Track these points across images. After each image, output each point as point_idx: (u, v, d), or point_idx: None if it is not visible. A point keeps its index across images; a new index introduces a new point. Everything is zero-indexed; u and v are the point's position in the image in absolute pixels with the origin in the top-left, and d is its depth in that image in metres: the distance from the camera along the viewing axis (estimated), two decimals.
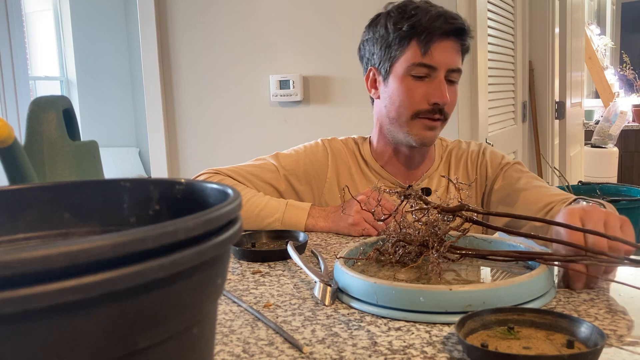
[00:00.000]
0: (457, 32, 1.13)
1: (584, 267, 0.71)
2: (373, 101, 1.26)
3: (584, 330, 0.54)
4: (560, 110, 3.03)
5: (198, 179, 1.20)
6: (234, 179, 1.20)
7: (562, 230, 0.75)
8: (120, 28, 5.48)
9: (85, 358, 0.28)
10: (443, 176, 1.22)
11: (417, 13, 1.13)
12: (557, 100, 3.03)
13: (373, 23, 1.20)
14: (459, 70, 1.16)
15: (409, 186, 1.18)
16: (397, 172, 1.23)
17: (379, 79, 1.20)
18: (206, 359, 0.38)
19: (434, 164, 1.25)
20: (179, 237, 0.30)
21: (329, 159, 1.26)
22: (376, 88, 1.22)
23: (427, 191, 1.21)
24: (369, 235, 1.04)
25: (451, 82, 1.15)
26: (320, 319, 0.64)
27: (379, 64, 1.19)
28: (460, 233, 0.77)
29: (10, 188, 0.46)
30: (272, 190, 1.21)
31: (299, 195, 1.23)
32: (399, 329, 0.61)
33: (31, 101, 0.84)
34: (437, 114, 1.14)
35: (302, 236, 0.98)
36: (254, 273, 0.83)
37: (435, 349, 0.55)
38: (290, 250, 0.86)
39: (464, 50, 1.18)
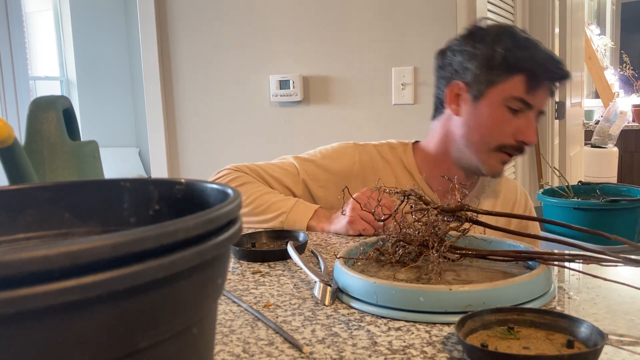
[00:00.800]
0: (560, 79, 1.14)
1: None
2: (438, 110, 1.22)
3: (584, 330, 0.54)
4: (560, 110, 3.03)
5: (219, 174, 1.21)
6: (253, 177, 1.20)
7: None
8: (120, 28, 5.48)
9: (85, 358, 0.28)
10: (443, 176, 1.21)
11: (529, 47, 1.11)
12: (557, 100, 3.02)
13: (474, 37, 1.15)
14: (544, 113, 1.16)
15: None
16: (439, 188, 1.20)
17: (466, 96, 1.14)
18: (206, 359, 0.38)
19: (476, 189, 1.24)
20: (178, 237, 0.30)
21: (355, 169, 1.21)
22: (458, 104, 1.16)
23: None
24: (368, 235, 1.04)
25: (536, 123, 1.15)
26: (320, 319, 0.64)
27: (472, 82, 1.13)
28: (460, 233, 0.77)
29: (10, 188, 0.46)
30: (289, 193, 1.21)
31: (315, 200, 1.21)
32: (399, 329, 0.61)
33: (31, 101, 0.84)
34: (517, 151, 1.13)
35: (302, 236, 0.98)
36: (254, 273, 0.83)
37: (435, 349, 0.56)
38: (290, 250, 0.86)
39: (553, 94, 1.18)
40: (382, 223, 0.82)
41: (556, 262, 0.72)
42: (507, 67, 1.10)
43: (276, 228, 1.11)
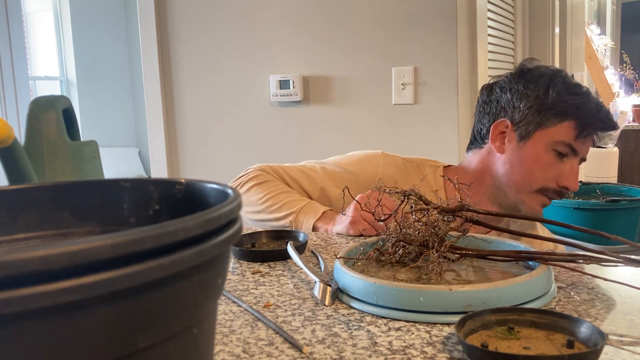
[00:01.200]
0: (612, 129, 1.15)
1: None
2: (476, 143, 1.23)
3: (584, 330, 0.54)
4: None
5: (244, 172, 1.23)
6: (274, 177, 1.22)
7: None
8: (120, 28, 5.48)
9: (85, 358, 0.28)
10: (442, 176, 1.21)
11: (582, 94, 1.13)
12: None
13: (525, 77, 1.16)
14: (584, 160, 1.17)
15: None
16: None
17: (513, 135, 1.15)
18: (206, 359, 0.38)
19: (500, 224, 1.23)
20: (178, 237, 0.30)
21: (377, 179, 1.20)
22: (503, 142, 1.16)
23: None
24: (369, 235, 1.04)
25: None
26: (320, 319, 0.64)
27: (520, 122, 1.14)
28: (460, 233, 0.77)
29: (10, 188, 0.46)
30: (305, 196, 1.22)
31: (333, 205, 1.21)
32: (399, 329, 0.61)
33: (31, 101, 0.84)
34: (558, 195, 1.14)
35: (302, 236, 0.98)
36: (254, 273, 0.83)
37: (435, 349, 0.55)
38: (290, 250, 0.86)
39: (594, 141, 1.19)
40: (382, 223, 0.82)
41: (556, 262, 0.72)
42: (559, 111, 1.11)
43: (285, 227, 1.12)
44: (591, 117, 1.11)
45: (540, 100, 1.12)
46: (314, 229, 1.11)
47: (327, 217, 1.11)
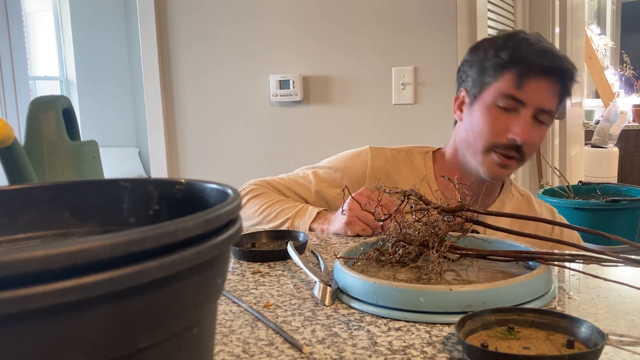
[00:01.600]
0: (557, 72, 1.09)
1: None
2: (455, 122, 1.23)
3: (584, 330, 0.54)
4: (560, 110, 3.03)
5: (240, 190, 1.25)
6: (269, 189, 1.24)
7: None
8: (120, 28, 5.48)
9: (85, 358, 0.28)
10: (443, 176, 1.21)
11: (521, 44, 1.10)
12: None
13: (476, 46, 1.17)
14: (549, 112, 1.11)
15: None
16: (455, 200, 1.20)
17: (467, 101, 1.17)
18: (206, 359, 0.38)
19: (494, 205, 1.21)
20: (178, 237, 0.30)
21: (367, 174, 1.22)
22: (462, 110, 1.19)
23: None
24: (368, 235, 1.04)
25: (539, 123, 1.11)
26: (320, 319, 0.64)
27: (470, 87, 1.16)
28: (460, 233, 0.77)
29: (10, 188, 0.46)
30: (303, 201, 1.23)
31: (330, 207, 1.22)
32: (399, 329, 0.61)
33: (31, 101, 0.84)
34: (513, 151, 1.10)
35: (302, 236, 0.98)
36: (254, 273, 0.83)
37: (435, 349, 0.55)
38: (290, 250, 0.86)
39: (564, 93, 1.13)
40: (380, 224, 0.82)
41: (556, 262, 0.72)
42: (496, 66, 1.10)
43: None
44: (527, 62, 1.07)
45: (481, 61, 1.13)
46: (310, 230, 1.11)
47: (321, 217, 1.12)
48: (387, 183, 1.18)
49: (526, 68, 1.07)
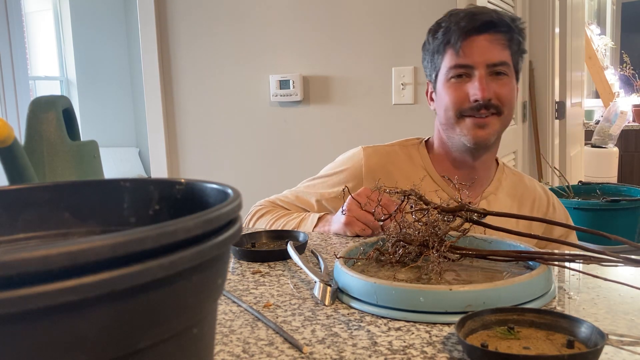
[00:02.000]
0: (489, 25, 1.11)
1: None
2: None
3: (584, 330, 0.54)
4: (560, 110, 3.03)
5: (252, 209, 1.30)
6: (277, 206, 1.28)
7: None
8: (120, 28, 5.48)
9: (85, 358, 0.28)
10: (443, 176, 1.21)
11: (449, 19, 1.15)
12: (557, 100, 3.02)
13: (424, 41, 1.22)
14: (502, 64, 1.13)
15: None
16: (460, 179, 1.18)
17: (433, 90, 1.22)
18: (206, 359, 0.38)
19: (492, 186, 1.22)
20: (178, 237, 0.30)
21: (363, 173, 1.23)
22: (432, 100, 1.23)
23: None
24: (368, 235, 1.04)
25: (498, 76, 1.13)
26: (320, 319, 0.64)
27: (430, 76, 1.21)
28: (460, 233, 0.77)
29: (10, 188, 0.46)
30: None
31: (335, 211, 1.23)
32: (399, 329, 0.61)
33: (31, 101, 0.84)
34: (483, 109, 1.12)
35: (302, 236, 0.98)
36: (254, 273, 0.83)
37: (435, 349, 0.55)
38: (290, 250, 0.86)
39: (512, 41, 1.14)
40: (380, 224, 0.82)
41: (556, 262, 0.72)
42: (438, 47, 1.17)
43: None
44: (455, 30, 1.12)
45: (428, 49, 1.20)
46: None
47: (323, 220, 1.14)
48: (386, 179, 1.19)
49: (458, 35, 1.12)
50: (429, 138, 1.29)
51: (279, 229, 1.18)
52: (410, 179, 1.19)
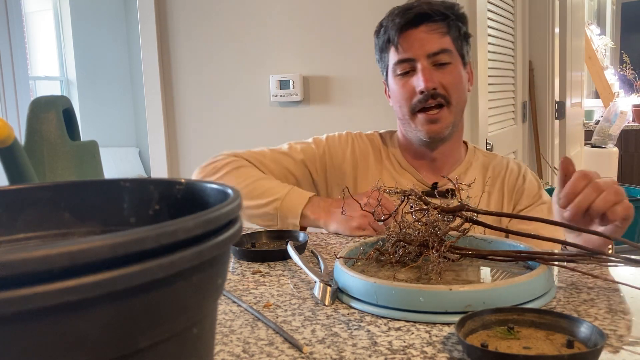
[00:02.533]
0: (419, 19, 1.13)
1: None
2: None
3: (584, 330, 0.54)
4: (560, 110, 3.03)
5: (214, 159, 1.24)
6: (250, 162, 1.21)
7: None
8: (120, 28, 5.48)
9: (85, 358, 0.28)
10: (443, 176, 1.21)
11: (387, 18, 1.18)
12: (557, 100, 3.03)
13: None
14: (443, 51, 1.13)
15: (434, 184, 1.18)
16: (422, 169, 1.23)
17: (387, 87, 1.25)
18: (206, 359, 0.38)
19: (461, 166, 1.23)
20: (178, 237, 0.30)
21: (348, 152, 1.25)
22: (390, 97, 1.25)
23: (450, 193, 1.16)
24: (368, 235, 1.04)
25: (442, 65, 1.14)
26: (320, 319, 0.64)
27: (383, 74, 1.25)
28: (460, 233, 0.77)
29: (10, 188, 0.46)
30: (289, 177, 1.22)
31: (315, 182, 1.24)
32: (399, 329, 0.61)
33: (31, 101, 0.84)
34: (431, 99, 1.13)
35: (302, 236, 0.98)
36: (254, 273, 0.83)
37: (435, 349, 0.55)
38: (290, 250, 0.86)
39: (451, 28, 1.15)
40: (383, 225, 0.82)
41: (556, 262, 0.72)
42: (381, 48, 1.20)
43: (268, 215, 1.11)
44: (391, 26, 1.15)
45: (377, 49, 1.23)
46: (302, 216, 1.09)
47: (315, 204, 1.10)
48: (364, 163, 1.24)
49: (394, 31, 1.14)
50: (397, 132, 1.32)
51: (258, 192, 1.12)
52: (382, 166, 1.24)
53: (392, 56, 1.17)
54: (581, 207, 0.80)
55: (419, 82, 1.12)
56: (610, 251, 0.88)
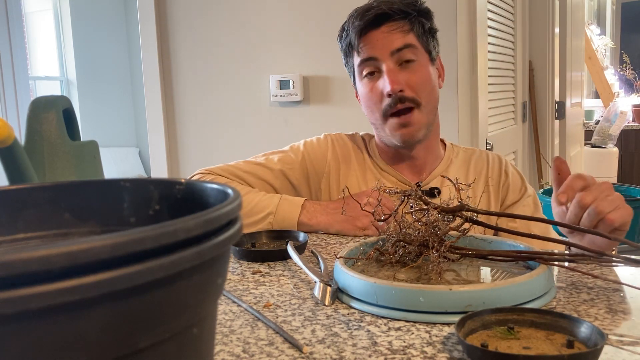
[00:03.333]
0: (379, 20, 1.09)
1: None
2: None
3: (584, 330, 0.54)
4: (560, 110, 3.03)
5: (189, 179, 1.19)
6: (227, 179, 1.17)
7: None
8: (120, 28, 5.48)
9: (85, 358, 0.28)
10: (443, 176, 1.21)
11: (348, 22, 1.14)
12: (557, 100, 3.03)
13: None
14: (406, 46, 1.09)
15: (417, 183, 1.16)
16: (403, 170, 1.20)
17: (356, 91, 1.21)
18: (206, 359, 0.38)
19: (442, 164, 1.20)
20: (178, 237, 0.30)
21: (329, 154, 1.22)
22: (360, 100, 1.21)
23: (435, 191, 1.15)
24: (371, 235, 1.04)
25: (407, 63, 1.10)
26: (320, 319, 0.64)
27: (351, 78, 1.21)
28: (460, 233, 0.77)
29: (10, 188, 0.46)
30: (268, 187, 1.18)
31: (296, 190, 1.20)
32: (399, 329, 0.61)
33: (31, 101, 0.84)
34: (399, 103, 1.08)
35: (302, 236, 0.98)
36: (254, 273, 0.83)
37: (435, 349, 0.55)
38: (290, 250, 0.86)
39: (414, 24, 1.11)
40: (383, 224, 0.82)
41: (556, 262, 0.72)
42: (345, 52, 1.17)
43: (265, 229, 1.08)
44: (354, 30, 1.11)
45: (342, 54, 1.20)
46: (299, 224, 1.07)
47: (309, 210, 1.08)
48: (346, 163, 1.21)
49: (355, 34, 1.11)
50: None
51: (247, 209, 1.09)
52: (365, 169, 1.21)
53: (356, 59, 1.14)
54: (583, 203, 0.80)
55: (385, 84, 1.09)
56: (613, 252, 0.88)
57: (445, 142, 1.26)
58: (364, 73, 1.13)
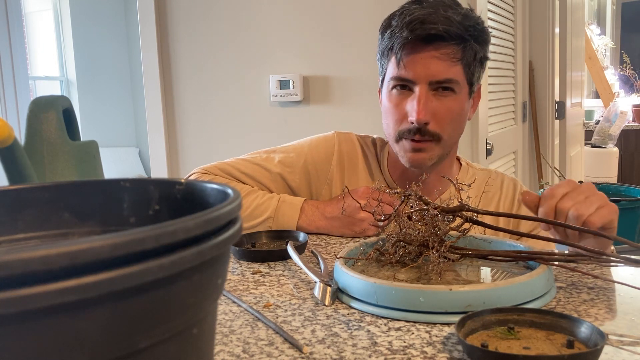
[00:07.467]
0: (431, 38, 0.97)
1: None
2: None
3: (584, 330, 0.54)
4: (560, 110, 3.03)
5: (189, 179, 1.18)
6: (223, 179, 1.15)
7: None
8: (120, 28, 5.48)
9: (85, 358, 0.28)
10: (443, 176, 1.20)
11: (397, 20, 1.01)
12: (557, 100, 3.03)
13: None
14: (448, 81, 0.99)
15: (417, 183, 1.13)
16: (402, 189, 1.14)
17: (380, 89, 1.12)
18: (206, 359, 0.38)
19: (452, 187, 1.10)
20: (178, 237, 0.30)
21: (334, 159, 1.16)
22: (381, 102, 1.12)
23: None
24: (369, 236, 1.04)
25: (444, 92, 1.00)
26: (320, 319, 0.64)
27: (380, 75, 1.11)
28: (460, 233, 0.77)
29: (10, 188, 0.46)
30: (264, 190, 1.15)
31: (295, 194, 1.16)
32: (399, 329, 0.61)
33: (31, 101, 0.84)
34: (418, 134, 1.01)
35: (302, 236, 0.98)
36: (254, 273, 0.83)
37: (435, 349, 0.55)
38: (290, 250, 0.86)
39: (466, 52, 0.99)
40: (381, 224, 0.82)
41: (556, 262, 0.72)
42: (383, 51, 1.05)
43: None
44: (399, 38, 0.99)
45: (379, 49, 1.08)
46: (298, 228, 1.06)
47: (308, 212, 1.06)
48: (351, 169, 1.15)
49: (400, 44, 0.99)
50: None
51: (247, 213, 1.06)
52: (370, 174, 1.15)
53: (391, 69, 1.03)
54: (562, 210, 0.79)
55: (412, 110, 1.00)
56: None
57: (462, 161, 1.18)
58: (393, 84, 1.04)
